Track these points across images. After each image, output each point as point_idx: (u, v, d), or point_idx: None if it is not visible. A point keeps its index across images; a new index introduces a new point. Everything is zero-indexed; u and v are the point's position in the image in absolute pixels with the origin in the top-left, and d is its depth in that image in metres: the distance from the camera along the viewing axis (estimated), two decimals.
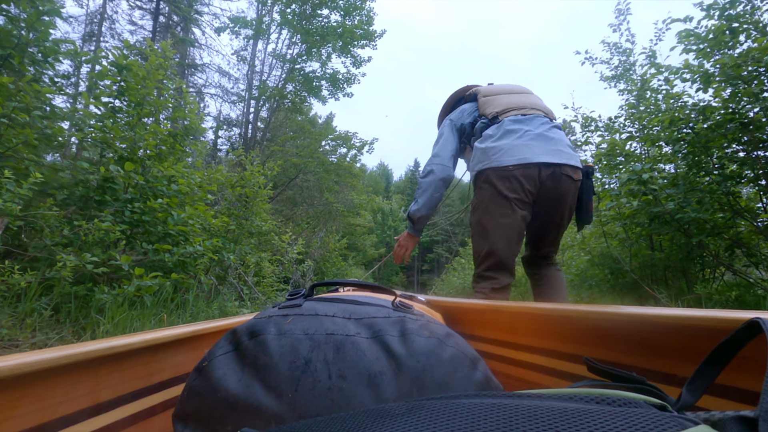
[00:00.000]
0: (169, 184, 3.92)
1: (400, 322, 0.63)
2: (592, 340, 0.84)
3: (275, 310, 0.69)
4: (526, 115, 1.91)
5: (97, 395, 0.74)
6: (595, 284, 4.97)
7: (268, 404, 0.53)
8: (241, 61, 11.56)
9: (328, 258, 13.72)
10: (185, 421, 0.58)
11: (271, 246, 6.82)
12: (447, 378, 0.56)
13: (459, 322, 1.36)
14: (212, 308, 3.80)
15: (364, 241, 22.53)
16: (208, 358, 0.61)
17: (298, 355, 0.57)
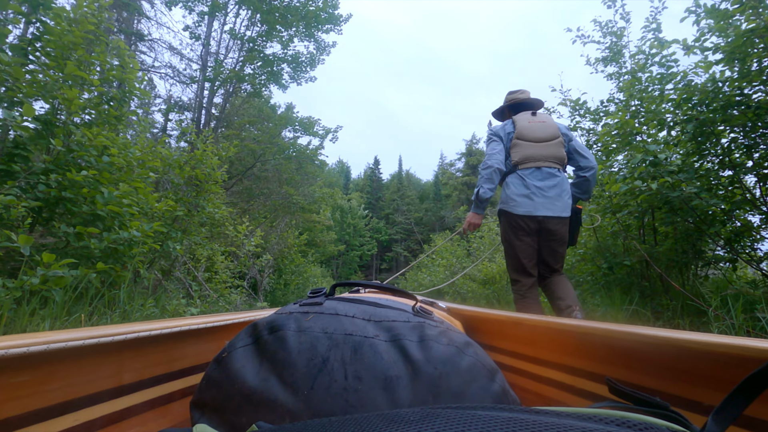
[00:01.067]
0: (99, 156, 3.21)
1: (419, 328, 0.63)
2: (614, 359, 0.83)
3: (296, 306, 0.70)
4: (539, 168, 2.59)
5: (119, 378, 0.77)
6: (585, 280, 4.61)
7: (284, 399, 0.54)
8: (194, 39, 10.61)
9: (287, 254, 12.99)
10: (202, 410, 0.59)
11: (226, 238, 6.10)
12: (464, 387, 0.56)
13: (479, 332, 1.36)
14: (148, 306, 3.12)
15: (323, 237, 21.74)
16: (228, 349, 0.63)
17: (316, 353, 0.57)
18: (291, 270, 13.24)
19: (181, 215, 4.49)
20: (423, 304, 0.81)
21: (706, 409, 0.64)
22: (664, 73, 3.67)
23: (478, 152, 43.78)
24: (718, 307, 2.59)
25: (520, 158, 2.62)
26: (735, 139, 3.35)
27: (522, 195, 2.55)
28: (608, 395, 0.65)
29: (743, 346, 0.57)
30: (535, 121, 2.72)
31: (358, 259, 40.14)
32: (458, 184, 42.00)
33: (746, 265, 3.75)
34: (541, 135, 2.66)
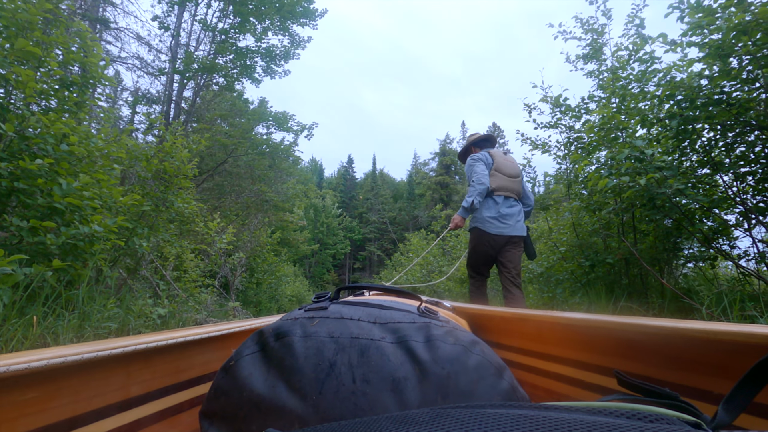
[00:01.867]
0: (57, 144, 2.96)
1: (425, 328, 0.64)
2: (622, 352, 0.83)
3: (301, 312, 0.69)
4: (507, 198, 3.31)
5: (127, 390, 0.76)
6: (565, 279, 4.58)
7: (293, 406, 0.54)
8: (163, 29, 10.20)
9: (259, 253, 12.69)
10: (211, 419, 0.59)
11: (196, 235, 5.84)
12: (472, 386, 0.56)
13: (485, 330, 1.35)
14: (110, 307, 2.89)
15: (296, 236, 21.38)
16: (234, 357, 0.62)
17: (323, 358, 0.57)
18: (263, 269, 12.96)
19: (148, 210, 4.24)
20: (428, 304, 0.81)
21: (716, 398, 0.64)
22: (645, 71, 3.65)
23: (451, 152, 44.03)
24: (710, 305, 2.56)
25: (495, 186, 3.31)
26: (714, 138, 3.36)
27: (493, 218, 3.25)
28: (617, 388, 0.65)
29: (751, 333, 0.57)
30: (507, 160, 3.47)
31: (331, 259, 39.84)
32: (432, 184, 42.18)
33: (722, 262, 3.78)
34: (512, 172, 3.44)
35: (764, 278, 3.02)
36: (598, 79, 4.80)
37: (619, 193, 3.53)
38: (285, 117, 10.41)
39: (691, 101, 3.18)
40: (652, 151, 3.07)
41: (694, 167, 3.50)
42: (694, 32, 3.03)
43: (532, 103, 5.18)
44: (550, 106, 4.94)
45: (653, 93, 3.53)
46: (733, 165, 3.30)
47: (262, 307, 12.43)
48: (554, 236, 5.07)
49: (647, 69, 3.65)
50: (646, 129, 3.70)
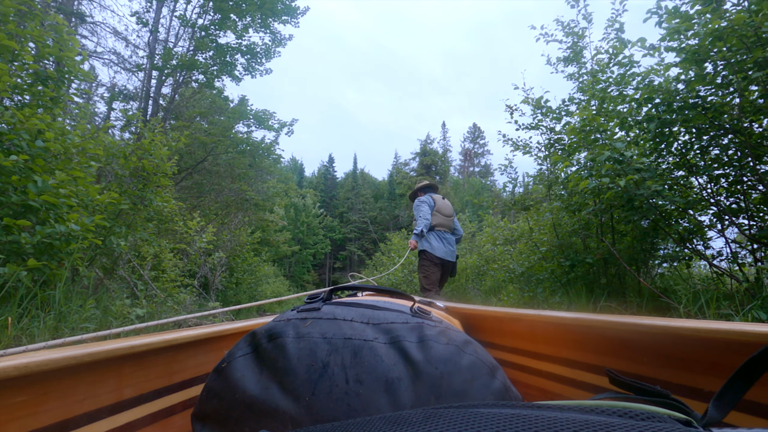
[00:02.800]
0: (32, 140, 2.87)
1: (418, 328, 0.64)
2: (613, 350, 0.83)
3: (294, 313, 0.70)
4: (444, 232, 4.28)
5: (119, 393, 0.75)
6: (545, 278, 4.64)
7: (286, 407, 0.54)
8: (141, 25, 9.99)
9: (239, 253, 12.54)
10: (204, 421, 0.59)
11: (175, 234, 5.74)
12: (465, 386, 0.56)
13: (478, 330, 1.36)
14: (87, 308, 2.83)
15: (277, 237, 21.21)
16: (227, 359, 0.62)
17: (316, 359, 0.57)
18: (243, 269, 12.81)
19: (125, 209, 4.15)
20: (421, 305, 0.81)
21: (707, 395, 0.65)
22: (624, 74, 3.73)
23: (432, 152, 44.28)
24: (687, 303, 2.62)
25: (436, 223, 4.26)
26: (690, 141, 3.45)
27: (439, 245, 4.20)
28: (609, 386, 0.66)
29: (741, 331, 0.58)
30: (444, 203, 4.43)
31: (311, 258, 39.61)
32: (412, 184, 42.25)
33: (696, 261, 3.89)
34: (448, 212, 4.39)
35: (737, 277, 3.12)
36: (578, 82, 4.88)
37: (599, 194, 3.59)
38: (265, 115, 10.28)
39: (669, 105, 3.26)
40: (631, 153, 3.14)
41: (671, 169, 3.59)
42: (671, 37, 3.10)
43: (513, 104, 5.24)
44: (531, 108, 5.00)
45: (632, 96, 3.61)
46: (708, 167, 3.40)
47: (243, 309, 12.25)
48: (535, 236, 5.14)
49: (626, 72, 3.73)
50: (625, 131, 3.79)
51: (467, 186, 51.95)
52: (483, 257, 8.15)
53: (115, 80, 11.29)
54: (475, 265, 8.04)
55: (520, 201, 5.31)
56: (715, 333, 0.62)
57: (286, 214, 35.16)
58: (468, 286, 7.71)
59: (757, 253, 3.27)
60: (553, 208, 4.53)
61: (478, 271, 8.06)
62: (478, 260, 8.15)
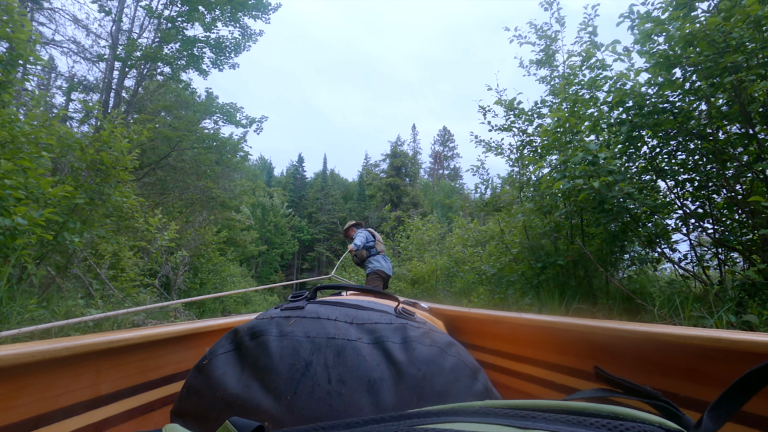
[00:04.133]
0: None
1: (402, 329, 0.64)
2: (594, 354, 0.83)
3: (277, 311, 0.69)
4: (385, 255, 5.37)
5: (96, 389, 0.75)
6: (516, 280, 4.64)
7: (267, 405, 0.53)
8: (104, 13, 9.57)
9: (204, 252, 12.18)
10: (183, 418, 0.58)
11: (135, 231, 5.47)
12: (447, 387, 0.56)
13: (461, 331, 1.36)
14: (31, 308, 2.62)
15: (244, 236, 20.73)
16: (208, 356, 0.61)
17: (298, 358, 0.57)
18: (208, 269, 12.45)
19: (81, 204, 3.91)
20: (405, 305, 0.81)
21: (699, 405, 0.64)
22: (596, 78, 3.77)
23: (402, 154, 44.42)
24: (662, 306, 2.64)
25: (379, 249, 5.32)
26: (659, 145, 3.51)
27: (387, 265, 5.26)
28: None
29: (719, 338, 0.58)
30: (379, 235, 5.55)
31: (279, 258, 39.03)
32: (382, 185, 42.30)
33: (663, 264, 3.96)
34: (381, 240, 5.52)
35: (702, 279, 3.17)
36: (550, 85, 4.92)
37: (569, 197, 3.60)
38: (233, 109, 9.97)
39: (640, 108, 3.30)
40: (605, 155, 3.15)
41: (639, 173, 3.64)
42: (643, 42, 3.13)
43: (486, 105, 5.24)
44: (504, 109, 5.01)
45: (604, 99, 3.64)
46: (674, 172, 3.46)
47: (206, 308, 11.94)
48: (506, 238, 5.15)
49: (597, 76, 3.76)
50: (596, 135, 3.82)
51: (437, 188, 52.34)
52: (453, 258, 8.16)
53: (74, 70, 10.76)
54: (445, 266, 8.03)
55: (491, 203, 5.31)
56: (694, 339, 0.61)
57: (253, 213, 34.52)
58: (438, 287, 7.69)
59: (719, 256, 3.35)
60: (525, 210, 4.54)
61: (448, 273, 8.06)
62: (448, 262, 8.15)
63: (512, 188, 5.34)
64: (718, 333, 0.60)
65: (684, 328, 0.67)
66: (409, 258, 9.70)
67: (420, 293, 7.67)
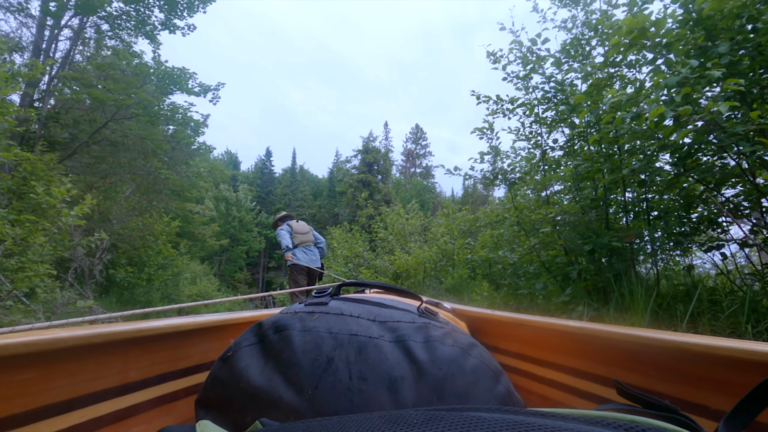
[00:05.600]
0: None
1: (424, 329, 0.64)
2: (622, 362, 0.83)
3: (302, 306, 0.70)
4: (307, 246, 5.44)
5: (125, 375, 0.77)
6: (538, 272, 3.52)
7: (288, 399, 0.54)
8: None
9: (152, 244, 10.65)
10: (207, 408, 0.60)
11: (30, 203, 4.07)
12: (468, 388, 0.56)
13: (483, 333, 1.35)
14: None
15: (203, 230, 18.92)
16: (233, 348, 0.63)
17: (321, 353, 0.57)
18: (158, 263, 10.92)
19: None
20: (428, 305, 0.80)
21: (713, 413, 0.65)
22: None
23: (374, 150, 43.40)
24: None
25: (298, 242, 5.35)
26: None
27: (303, 256, 5.29)
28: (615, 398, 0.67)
29: (751, 350, 0.58)
30: (300, 225, 5.58)
31: (244, 256, 37.23)
32: (354, 182, 41.09)
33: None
34: (303, 231, 5.51)
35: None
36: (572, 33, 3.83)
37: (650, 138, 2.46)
38: (183, 73, 8.47)
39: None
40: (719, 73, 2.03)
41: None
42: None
43: (498, 49, 4.10)
44: (519, 55, 3.89)
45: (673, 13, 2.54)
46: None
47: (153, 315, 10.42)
48: (524, 215, 4.00)
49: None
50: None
51: (409, 186, 51.52)
52: (441, 251, 7.02)
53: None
54: (432, 259, 6.87)
55: (501, 174, 4.17)
56: (725, 351, 0.61)
57: (216, 207, 32.65)
58: (426, 282, 6.53)
59: None
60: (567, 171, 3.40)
61: (435, 266, 6.91)
62: (436, 254, 7.01)
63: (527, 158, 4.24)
64: (738, 344, 0.60)
65: (703, 337, 0.67)
66: (389, 250, 8.50)
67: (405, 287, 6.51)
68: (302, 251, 5.35)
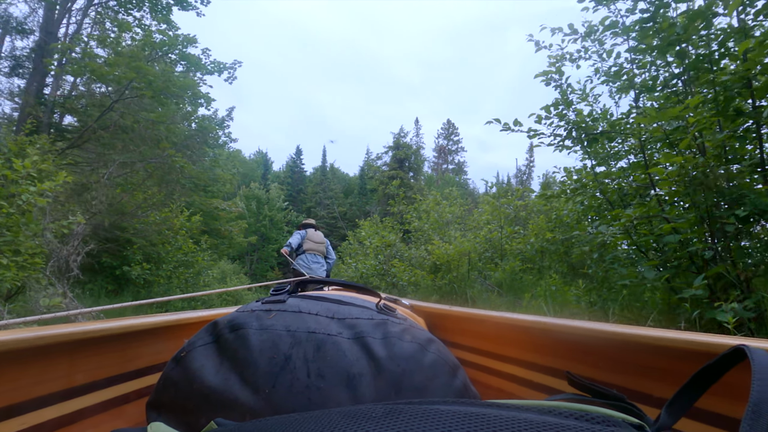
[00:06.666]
0: None
1: (383, 325, 0.63)
2: (573, 354, 0.86)
3: (258, 304, 0.69)
4: (314, 254, 5.90)
5: (71, 379, 0.74)
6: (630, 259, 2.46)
7: (244, 399, 0.52)
8: None
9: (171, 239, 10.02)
10: (159, 410, 0.58)
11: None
12: (426, 383, 0.56)
13: (441, 329, 1.37)
14: None
15: (230, 227, 18.27)
16: (187, 348, 0.61)
17: (278, 351, 0.56)
18: (177, 260, 10.28)
19: None
20: (387, 302, 0.80)
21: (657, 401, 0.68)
22: None
23: (405, 146, 42.53)
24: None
25: (306, 248, 5.80)
26: None
27: (304, 264, 5.69)
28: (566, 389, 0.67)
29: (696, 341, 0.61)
30: (316, 234, 6.02)
31: (275, 255, 36.96)
32: (384, 178, 40.25)
33: None
34: (317, 240, 5.97)
35: None
36: None
37: None
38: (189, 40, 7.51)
39: None
40: None
41: None
42: None
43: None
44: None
45: None
46: None
47: (171, 308, 9.79)
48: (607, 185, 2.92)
49: None
50: None
51: (441, 183, 50.34)
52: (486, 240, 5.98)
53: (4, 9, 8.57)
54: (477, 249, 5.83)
55: (579, 125, 3.12)
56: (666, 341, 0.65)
57: (247, 206, 32.39)
58: (472, 277, 5.50)
59: None
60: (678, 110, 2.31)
61: (479, 258, 5.87)
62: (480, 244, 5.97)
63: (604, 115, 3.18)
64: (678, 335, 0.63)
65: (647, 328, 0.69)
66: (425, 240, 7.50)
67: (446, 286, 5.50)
68: (306, 257, 5.75)
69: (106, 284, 9.01)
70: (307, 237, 5.82)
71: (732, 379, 0.45)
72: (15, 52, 8.39)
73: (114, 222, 7.34)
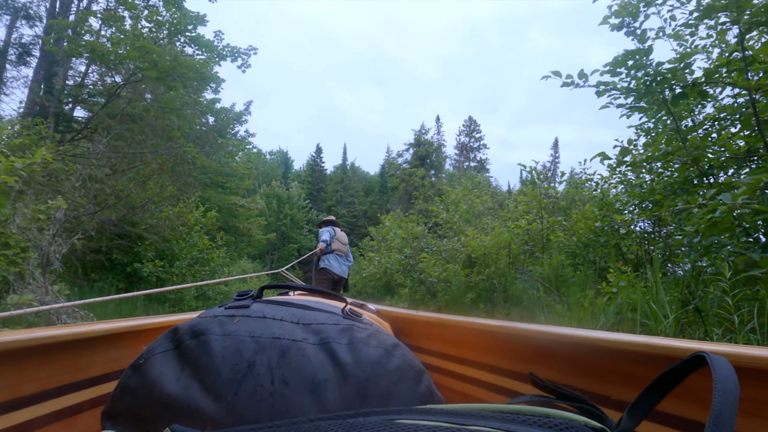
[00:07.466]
0: None
1: (348, 331, 0.62)
2: (537, 358, 0.85)
3: (221, 309, 0.66)
4: (341, 256, 5.89)
5: (18, 389, 0.70)
6: None
7: (206, 407, 0.50)
8: None
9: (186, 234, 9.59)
10: (115, 420, 0.55)
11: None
12: (391, 388, 0.55)
13: (407, 334, 1.36)
14: None
15: (248, 224, 17.88)
16: (145, 355, 0.58)
17: (241, 358, 0.54)
18: (192, 257, 9.86)
19: None
20: (352, 306, 0.78)
21: (617, 403, 0.68)
22: None
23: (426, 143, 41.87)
24: None
25: (335, 248, 5.77)
26: None
27: (337, 264, 5.70)
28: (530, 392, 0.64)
29: (650, 344, 0.61)
30: (342, 234, 6.04)
31: (296, 254, 36.73)
32: (405, 176, 39.62)
33: None
34: (344, 241, 6.00)
35: None
36: None
37: None
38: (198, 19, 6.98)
39: None
40: None
41: None
42: None
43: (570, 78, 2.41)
44: None
45: None
46: None
47: (185, 306, 9.36)
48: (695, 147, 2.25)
49: None
50: None
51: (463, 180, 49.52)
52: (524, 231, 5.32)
53: None
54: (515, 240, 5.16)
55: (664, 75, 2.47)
56: (627, 345, 0.65)
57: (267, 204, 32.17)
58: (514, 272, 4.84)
59: None
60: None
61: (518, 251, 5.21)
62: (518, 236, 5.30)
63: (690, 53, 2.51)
64: (638, 338, 0.63)
65: (610, 333, 0.68)
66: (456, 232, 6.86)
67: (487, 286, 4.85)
68: (336, 258, 5.76)
69: (117, 282, 8.65)
70: (336, 237, 5.88)
71: (692, 383, 0.44)
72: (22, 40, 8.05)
73: (124, 216, 6.89)
